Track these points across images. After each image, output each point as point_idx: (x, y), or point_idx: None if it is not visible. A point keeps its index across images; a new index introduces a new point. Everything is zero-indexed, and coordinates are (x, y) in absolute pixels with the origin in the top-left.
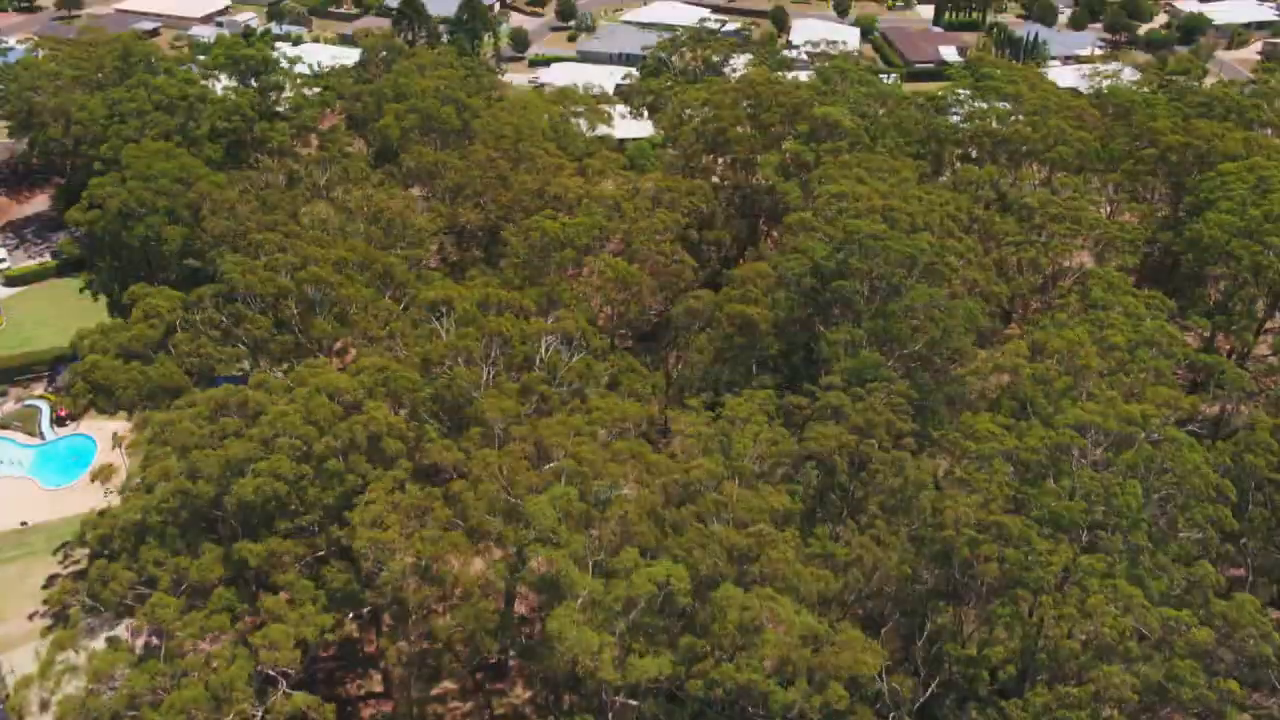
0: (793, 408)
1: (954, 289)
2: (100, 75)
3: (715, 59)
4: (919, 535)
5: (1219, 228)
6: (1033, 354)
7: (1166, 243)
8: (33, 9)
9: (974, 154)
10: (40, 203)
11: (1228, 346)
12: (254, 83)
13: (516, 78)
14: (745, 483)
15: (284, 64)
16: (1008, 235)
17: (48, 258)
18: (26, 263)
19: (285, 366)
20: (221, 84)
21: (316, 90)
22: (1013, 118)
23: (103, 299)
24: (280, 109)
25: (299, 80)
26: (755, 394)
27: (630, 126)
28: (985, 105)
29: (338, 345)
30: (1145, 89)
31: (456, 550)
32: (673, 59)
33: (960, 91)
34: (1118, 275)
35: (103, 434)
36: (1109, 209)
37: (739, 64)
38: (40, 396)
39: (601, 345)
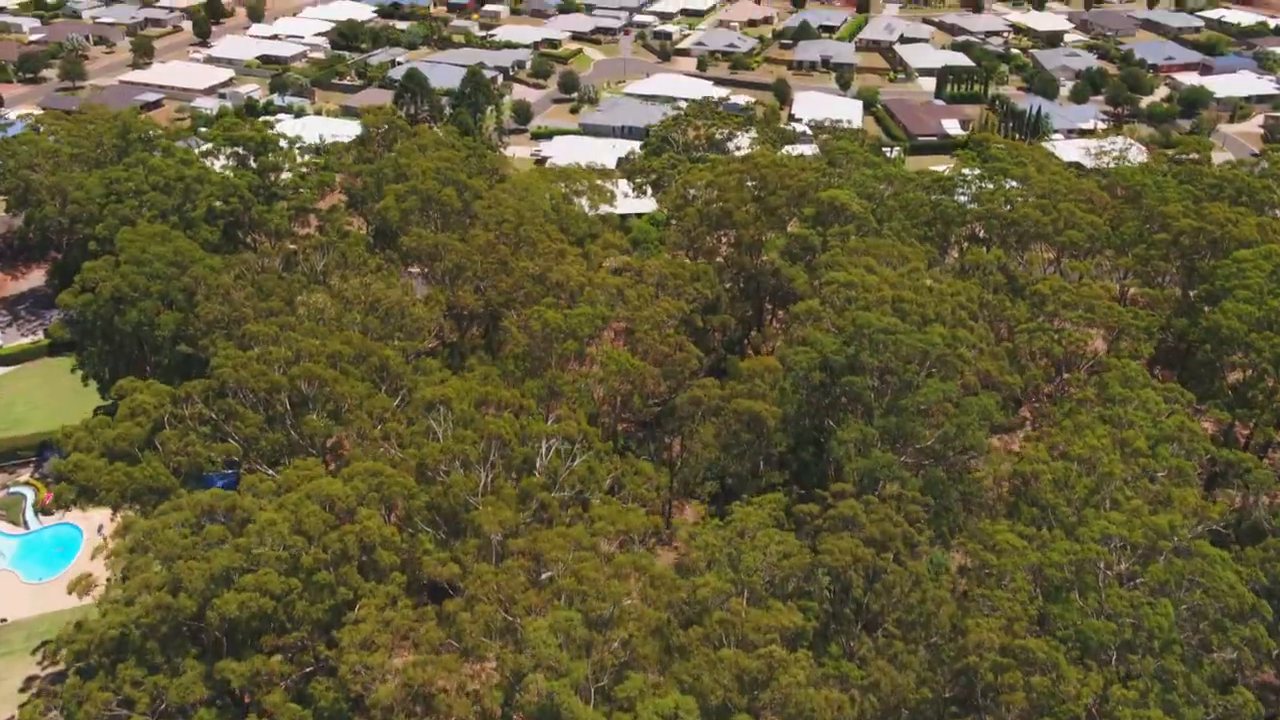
0: (804, 516)
1: (966, 380)
2: (98, 153)
3: (719, 135)
4: (937, 649)
5: (1237, 318)
6: (1050, 451)
7: (1181, 329)
8: (37, 80)
9: (981, 234)
10: (35, 278)
11: (1245, 432)
12: (253, 163)
13: (518, 150)
14: (755, 599)
15: (283, 144)
16: (1020, 323)
17: (41, 335)
18: (19, 340)
19: (276, 464)
20: (220, 162)
21: (316, 169)
22: (1021, 199)
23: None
24: (279, 190)
25: (298, 161)
26: (765, 499)
27: (633, 201)
28: (993, 186)
29: (331, 441)
30: (1154, 170)
31: (450, 675)
32: (675, 135)
33: (967, 171)
34: (1136, 367)
35: (90, 523)
36: (1121, 291)
37: (743, 141)
38: (25, 483)
39: (604, 448)
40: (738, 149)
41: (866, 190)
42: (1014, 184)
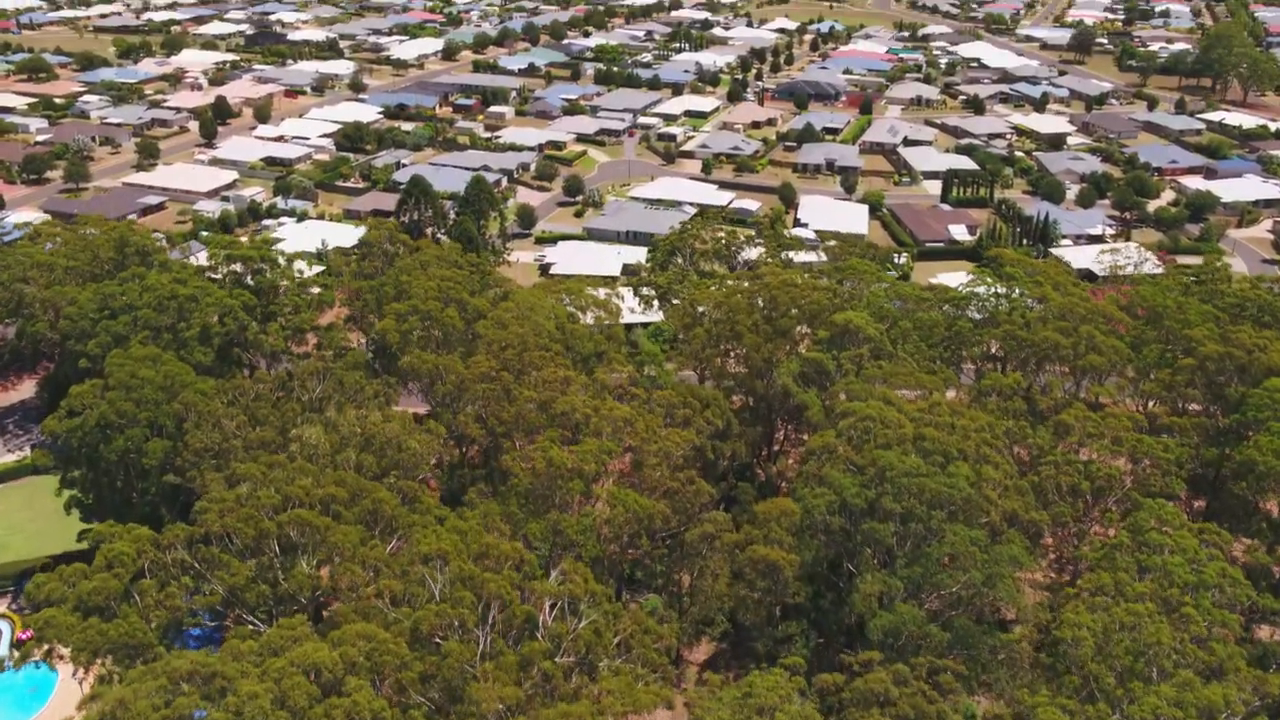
0: (829, 688)
1: (992, 520)
2: (94, 265)
3: (728, 246)
4: None
5: (1273, 453)
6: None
7: (1211, 459)
8: (40, 181)
9: (997, 351)
10: (26, 389)
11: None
12: (250, 280)
13: (522, 256)
14: None
15: (281, 261)
16: (1043, 452)
17: (28, 451)
18: (5, 458)
19: (262, 615)
20: (219, 273)
21: (315, 290)
22: (1039, 319)
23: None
24: (276, 308)
25: (297, 280)
26: (784, 663)
27: (640, 312)
28: (1009, 305)
29: (320, 592)
30: (1173, 289)
31: None
32: (682, 248)
33: (982, 290)
34: (1172, 510)
35: (67, 666)
36: (1144, 415)
37: (751, 252)
38: (1, 615)
39: (612, 609)
40: (745, 263)
41: (880, 310)
42: (1033, 304)
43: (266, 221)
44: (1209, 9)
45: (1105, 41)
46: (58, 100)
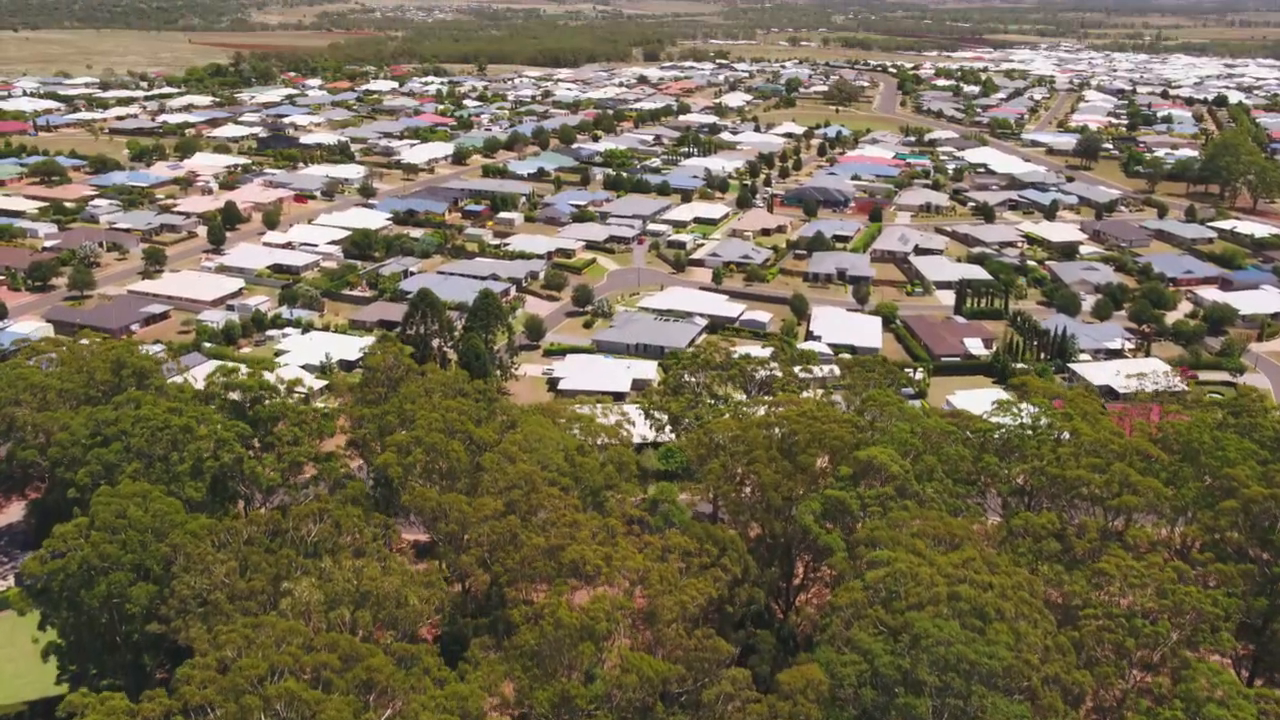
0: None
1: (1034, 688)
2: (89, 388)
3: (742, 371)
4: None
5: None
6: None
7: (1262, 610)
8: (46, 288)
9: (1026, 486)
10: (14, 512)
11: None
12: (249, 411)
13: (530, 369)
14: None
15: (280, 387)
16: (1081, 604)
17: (12, 582)
18: None
19: None
20: (216, 399)
21: (316, 418)
22: (1070, 454)
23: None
24: (275, 439)
25: (297, 410)
26: None
27: (651, 430)
28: (1036, 438)
29: None
30: (1209, 424)
31: None
32: (693, 375)
33: (1007, 420)
34: (1229, 678)
35: None
36: (1182, 549)
37: (763, 372)
38: None
39: None
40: (761, 384)
41: (904, 445)
42: (1062, 437)
43: (271, 332)
44: (1211, 114)
45: (1110, 147)
46: (68, 204)
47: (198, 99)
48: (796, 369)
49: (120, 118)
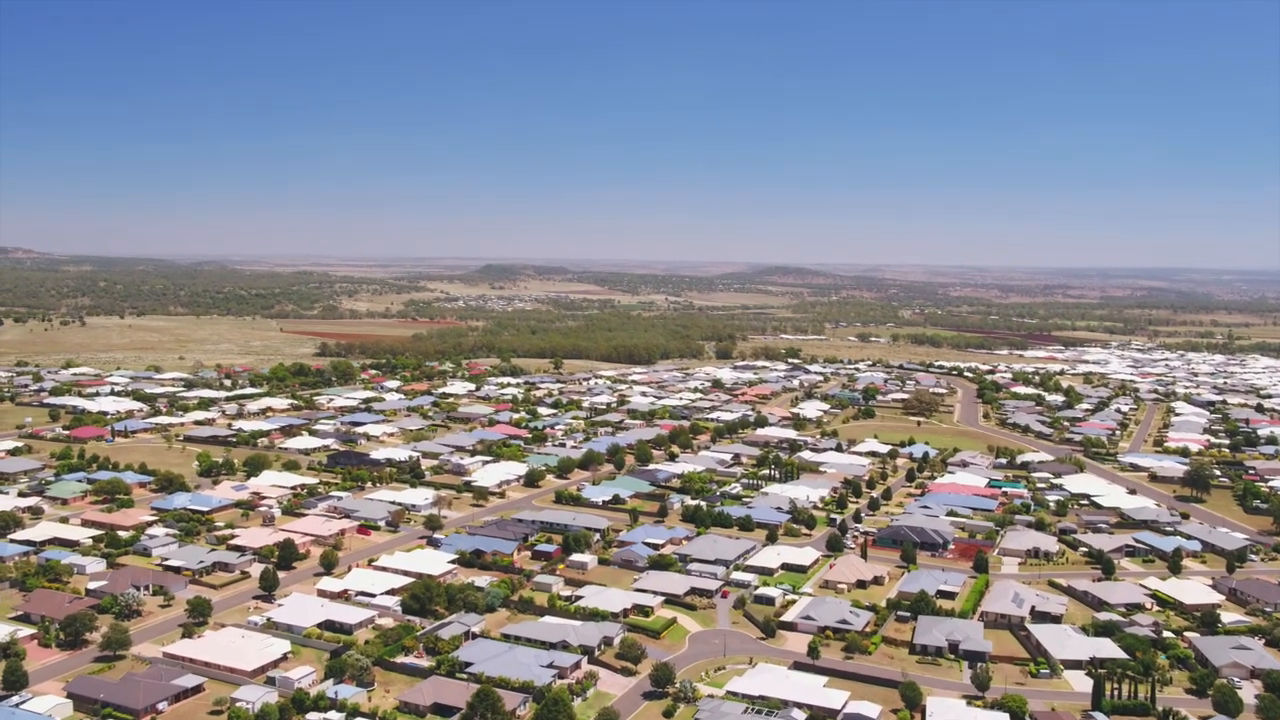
0: None
1: None
2: None
3: None
4: None
5: None
6: None
7: None
8: (76, 645)
9: None
10: None
11: None
12: None
13: None
14: None
15: None
16: None
17: None
18: None
19: None
20: None
21: None
22: None
23: None
24: None
25: None
26: None
27: None
28: None
29: None
30: None
31: None
32: None
33: None
34: None
35: None
36: None
37: None
38: None
39: None
40: None
41: None
42: None
43: (311, 717)
44: None
45: (1219, 472)
46: (123, 534)
47: (276, 402)
48: None
49: (198, 423)
